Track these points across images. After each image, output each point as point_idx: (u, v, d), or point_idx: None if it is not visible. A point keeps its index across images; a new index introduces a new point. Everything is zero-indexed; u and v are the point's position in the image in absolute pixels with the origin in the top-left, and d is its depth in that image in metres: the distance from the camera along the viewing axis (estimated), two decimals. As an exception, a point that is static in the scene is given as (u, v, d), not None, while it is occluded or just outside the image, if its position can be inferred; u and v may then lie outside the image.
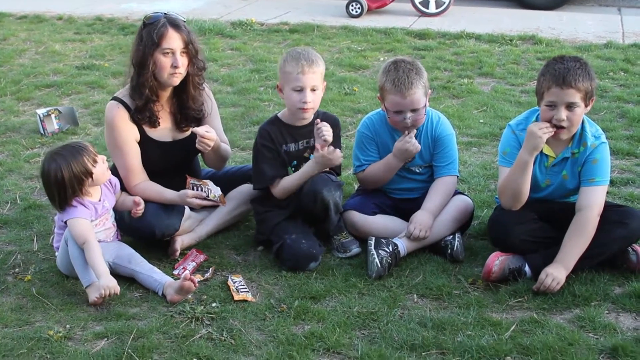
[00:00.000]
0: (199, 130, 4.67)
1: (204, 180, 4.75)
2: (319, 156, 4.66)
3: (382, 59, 9.36)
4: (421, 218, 4.73)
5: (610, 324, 4.06)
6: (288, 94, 4.70)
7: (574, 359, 3.74)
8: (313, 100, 4.68)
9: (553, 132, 4.32)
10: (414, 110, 4.74)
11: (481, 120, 7.16)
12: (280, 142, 4.78)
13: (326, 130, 4.67)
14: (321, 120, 4.78)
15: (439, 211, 4.81)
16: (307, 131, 4.82)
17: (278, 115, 4.89)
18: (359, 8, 11.78)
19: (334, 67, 8.97)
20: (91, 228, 4.39)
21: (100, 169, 4.44)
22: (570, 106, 4.30)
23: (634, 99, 7.77)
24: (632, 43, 10.14)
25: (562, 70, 4.29)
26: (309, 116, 4.79)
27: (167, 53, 4.63)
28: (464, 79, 8.47)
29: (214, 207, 4.89)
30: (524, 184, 4.40)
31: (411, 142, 4.78)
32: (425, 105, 4.81)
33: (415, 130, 4.82)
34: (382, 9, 12.14)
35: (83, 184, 4.38)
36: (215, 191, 4.69)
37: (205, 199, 4.68)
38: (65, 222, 4.39)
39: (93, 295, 4.22)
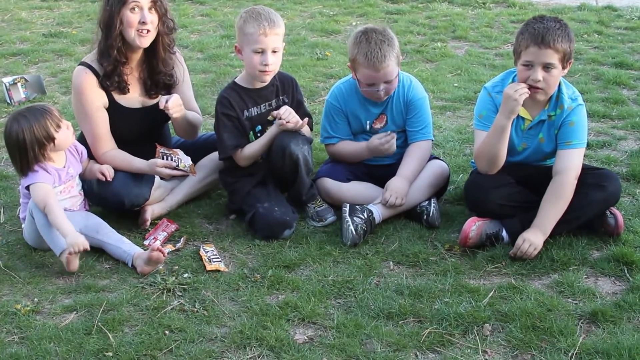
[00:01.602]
0: (161, 103, 4.56)
1: (174, 150, 4.65)
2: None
3: (354, 23, 9.24)
4: (397, 185, 4.65)
5: (589, 288, 4.03)
6: (248, 55, 4.57)
7: (553, 324, 3.69)
8: (274, 63, 4.57)
9: (529, 94, 4.24)
10: (386, 82, 4.66)
11: (455, 84, 7.08)
12: (242, 107, 4.67)
13: (288, 117, 4.57)
14: (279, 81, 4.75)
15: (414, 177, 4.73)
16: (268, 92, 4.73)
17: (236, 80, 4.77)
18: (330, -28, 11.62)
19: (305, 32, 8.86)
20: (52, 192, 4.28)
21: (64, 134, 4.32)
22: (547, 67, 4.22)
23: (608, 61, 7.71)
24: (605, 5, 10.07)
25: (541, 29, 4.21)
26: (268, 79, 4.67)
27: (134, 8, 4.50)
28: (437, 43, 8.37)
29: (184, 176, 4.78)
30: (502, 148, 4.33)
31: (389, 144, 4.71)
32: (398, 75, 4.72)
33: (394, 136, 4.73)
34: (355, -27, 11.98)
35: (44, 148, 4.27)
36: (185, 161, 4.59)
37: (175, 168, 4.59)
38: (27, 188, 4.29)
39: (64, 258, 4.12)
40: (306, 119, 4.66)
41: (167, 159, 4.60)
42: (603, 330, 3.69)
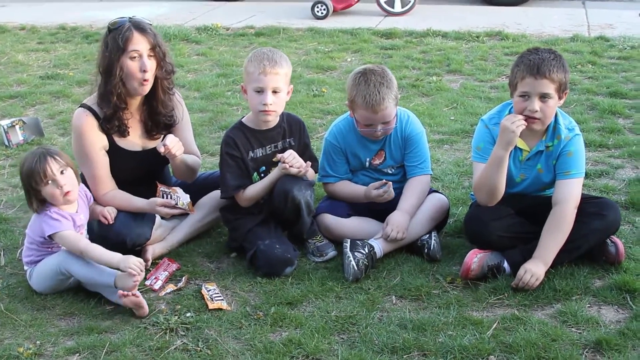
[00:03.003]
0: (159, 148, 4.56)
1: (174, 188, 4.66)
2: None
3: (349, 59, 9.31)
4: (397, 219, 4.66)
5: (593, 317, 4.02)
6: (250, 95, 4.60)
7: (558, 355, 3.68)
8: (275, 103, 4.56)
9: (526, 125, 4.26)
10: (384, 123, 4.68)
11: (452, 117, 7.12)
12: (247, 148, 4.68)
13: (292, 162, 4.57)
14: (287, 123, 4.76)
15: (414, 211, 4.74)
16: (274, 134, 4.73)
17: (243, 120, 4.78)
18: (324, 9, 11.73)
19: (301, 69, 8.91)
20: (79, 235, 4.30)
21: (49, 190, 4.25)
22: (543, 97, 4.25)
23: (603, 90, 7.77)
24: (598, 35, 10.18)
25: (536, 60, 4.25)
26: (272, 119, 4.68)
27: (134, 57, 4.51)
28: (432, 77, 8.44)
29: (183, 215, 4.78)
30: (500, 180, 4.34)
31: (387, 194, 4.72)
32: (396, 115, 4.74)
33: (390, 184, 4.74)
34: (348, 10, 12.10)
35: (34, 193, 4.26)
36: (184, 199, 4.60)
37: (174, 207, 4.59)
38: (49, 237, 4.26)
39: (129, 282, 4.11)
40: (309, 163, 4.65)
41: (167, 197, 4.60)
42: (608, 359, 3.67)
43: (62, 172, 4.26)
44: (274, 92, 4.54)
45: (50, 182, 4.24)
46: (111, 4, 12.38)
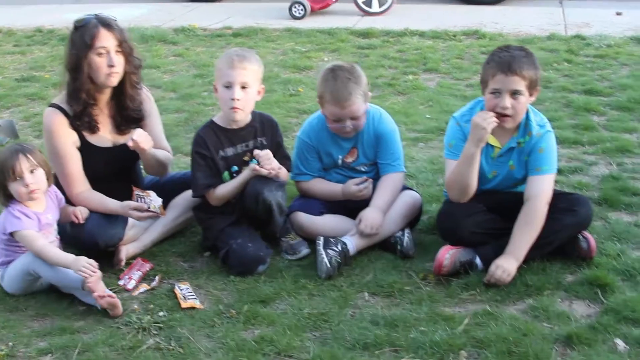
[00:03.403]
0: (129, 143, 4.57)
1: (147, 191, 4.65)
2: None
3: (326, 59, 9.32)
4: (370, 215, 4.66)
5: (564, 312, 4.04)
6: (220, 91, 4.60)
7: (529, 349, 3.69)
8: (243, 99, 4.55)
9: (497, 122, 4.28)
10: (353, 118, 4.69)
11: (427, 116, 7.14)
12: (217, 147, 4.67)
13: (264, 162, 4.57)
14: (259, 122, 4.76)
15: (387, 207, 4.75)
16: (246, 133, 4.73)
17: (214, 119, 4.78)
18: (302, 10, 11.75)
19: (278, 69, 8.92)
20: (37, 235, 4.27)
21: (15, 187, 4.26)
22: (514, 94, 4.27)
23: (578, 88, 7.82)
24: (574, 34, 10.25)
25: (507, 57, 4.27)
26: (240, 117, 4.66)
27: (102, 53, 4.51)
28: (408, 76, 8.47)
29: (155, 217, 4.78)
30: (472, 177, 4.36)
31: (366, 191, 4.76)
32: (365, 111, 4.76)
33: (371, 181, 4.77)
34: (326, 10, 12.12)
35: (5, 181, 4.25)
36: (156, 202, 4.59)
37: (146, 210, 4.58)
38: (11, 234, 4.27)
39: (97, 286, 4.11)
40: (283, 170, 4.67)
41: (141, 201, 4.60)
42: (578, 353, 3.69)
43: (31, 172, 4.26)
44: (243, 87, 4.54)
45: (17, 179, 4.24)
46: (88, 6, 12.30)
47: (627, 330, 3.85)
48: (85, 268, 4.07)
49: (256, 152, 4.60)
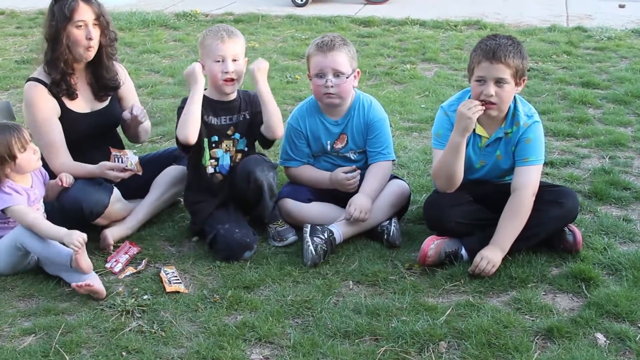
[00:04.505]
0: (125, 116, 4.83)
1: (124, 150, 4.78)
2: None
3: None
4: (360, 200, 4.67)
5: (547, 305, 4.04)
6: (210, 67, 4.61)
7: (509, 341, 3.69)
8: (235, 71, 4.60)
9: (482, 111, 4.28)
10: (336, 75, 4.70)
11: (423, 105, 7.13)
12: (202, 113, 4.64)
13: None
14: (242, 97, 4.79)
15: (376, 195, 4.76)
16: (231, 107, 4.75)
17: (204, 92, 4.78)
18: (304, -4, 11.75)
19: (277, 56, 8.93)
20: (29, 209, 4.32)
21: (27, 157, 4.33)
22: (499, 82, 4.27)
23: (575, 80, 7.81)
24: (575, 26, 10.24)
25: (493, 45, 4.27)
26: (233, 89, 4.69)
27: (80, 26, 4.68)
28: (406, 65, 8.46)
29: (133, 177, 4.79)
30: (458, 166, 4.36)
31: (355, 180, 4.77)
32: (351, 79, 4.77)
33: (359, 172, 4.79)
34: (328, -3, 12.12)
35: (4, 164, 4.28)
36: (132, 159, 4.69)
37: (123, 170, 4.66)
38: (3, 211, 4.30)
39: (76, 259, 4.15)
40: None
41: (118, 160, 4.68)
42: (558, 346, 3.69)
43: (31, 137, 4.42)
44: (234, 60, 4.59)
45: (27, 147, 4.32)
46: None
47: (609, 324, 3.84)
48: (79, 242, 4.11)
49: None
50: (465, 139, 4.31)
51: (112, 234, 4.70)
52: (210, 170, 4.75)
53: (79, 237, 4.13)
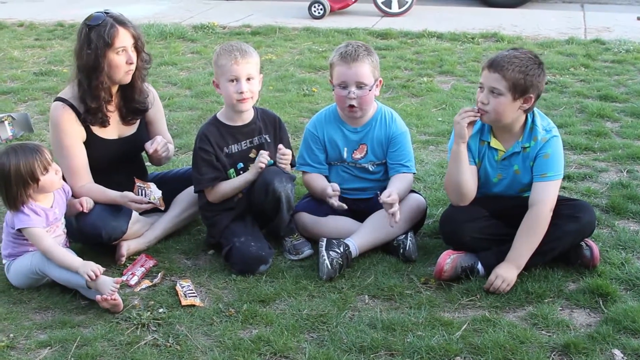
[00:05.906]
0: (147, 148, 4.79)
1: (148, 183, 4.71)
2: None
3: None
4: (388, 189, 4.64)
5: (564, 320, 4.02)
6: (224, 87, 4.62)
7: (525, 357, 3.68)
8: (250, 90, 4.60)
9: (476, 117, 4.33)
10: (359, 87, 4.70)
11: (439, 119, 7.12)
12: (221, 145, 4.69)
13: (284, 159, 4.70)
14: (262, 119, 4.79)
15: (402, 196, 4.71)
16: (249, 130, 4.75)
17: (217, 115, 4.80)
18: (321, 9, 11.75)
19: (294, 69, 8.93)
20: (45, 234, 4.31)
21: (50, 178, 4.32)
22: (493, 92, 4.27)
23: (593, 94, 7.77)
24: (593, 39, 10.19)
25: (498, 56, 4.30)
26: (248, 107, 4.69)
27: (120, 52, 4.60)
28: (423, 78, 8.44)
29: (156, 210, 4.80)
30: (462, 176, 4.37)
31: (339, 206, 4.71)
32: (373, 89, 4.76)
33: (345, 206, 4.74)
34: (345, 10, 12.13)
35: (28, 187, 4.27)
36: (155, 194, 4.63)
37: (145, 203, 4.61)
38: (19, 230, 4.30)
39: (106, 288, 4.14)
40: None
41: (141, 192, 4.64)
42: (575, 362, 3.68)
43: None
44: (248, 79, 4.59)
45: (50, 169, 4.31)
46: (110, 1, 12.39)
47: (626, 340, 3.82)
48: (94, 273, 4.11)
49: (262, 152, 4.63)
50: (463, 146, 4.34)
51: (128, 246, 4.71)
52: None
53: (94, 268, 4.13)
